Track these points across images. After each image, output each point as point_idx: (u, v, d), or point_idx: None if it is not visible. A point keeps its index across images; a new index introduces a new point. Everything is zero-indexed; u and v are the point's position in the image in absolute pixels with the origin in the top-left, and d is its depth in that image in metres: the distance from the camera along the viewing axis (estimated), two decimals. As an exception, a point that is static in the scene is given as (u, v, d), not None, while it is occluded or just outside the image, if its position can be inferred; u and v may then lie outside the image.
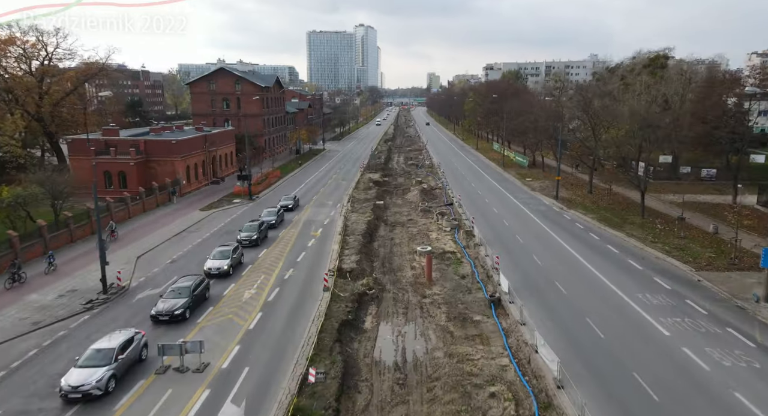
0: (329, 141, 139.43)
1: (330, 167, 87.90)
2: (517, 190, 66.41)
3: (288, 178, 75.59)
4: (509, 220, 49.34)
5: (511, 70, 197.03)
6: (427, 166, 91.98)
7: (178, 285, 28.26)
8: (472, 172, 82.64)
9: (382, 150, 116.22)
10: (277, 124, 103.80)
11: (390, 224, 50.78)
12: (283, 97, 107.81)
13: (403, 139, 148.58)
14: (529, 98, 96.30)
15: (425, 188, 67.42)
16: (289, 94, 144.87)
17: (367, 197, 60.42)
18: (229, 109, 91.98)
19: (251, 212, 52.08)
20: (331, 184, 70.74)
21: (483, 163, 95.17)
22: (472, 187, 68.60)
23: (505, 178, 76.34)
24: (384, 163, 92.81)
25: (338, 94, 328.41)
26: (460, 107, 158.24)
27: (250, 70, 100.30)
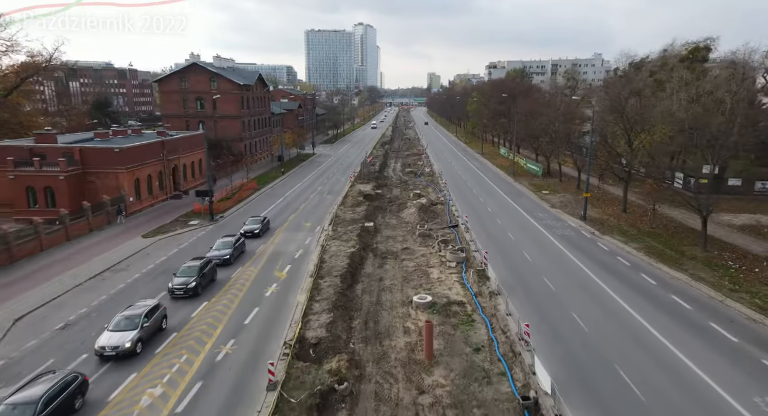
0: (321, 144, 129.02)
1: (316, 176, 77.37)
2: (533, 206, 55.87)
3: (266, 190, 65.05)
4: (531, 252, 38.79)
5: (516, 69, 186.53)
6: (427, 174, 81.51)
7: (13, 400, 17.48)
8: (479, 183, 72.11)
9: (377, 154, 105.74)
10: (260, 127, 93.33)
11: (380, 255, 40.28)
12: (267, 96, 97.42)
13: (401, 143, 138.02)
14: (541, 97, 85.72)
15: (424, 204, 56.90)
16: (278, 93, 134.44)
17: (355, 217, 49.90)
18: (204, 110, 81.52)
19: (209, 238, 41.63)
20: (314, 198, 60.22)
21: (490, 170, 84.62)
22: (480, 202, 58.07)
23: (517, 190, 65.76)
24: (378, 172, 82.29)
25: (336, 93, 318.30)
26: (463, 108, 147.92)
27: (229, 66, 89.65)
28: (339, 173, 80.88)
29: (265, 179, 72.01)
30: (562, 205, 55.26)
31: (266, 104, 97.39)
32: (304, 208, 54.72)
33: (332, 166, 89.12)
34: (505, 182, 72.29)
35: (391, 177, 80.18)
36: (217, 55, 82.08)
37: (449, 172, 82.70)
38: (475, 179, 75.28)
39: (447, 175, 78.86)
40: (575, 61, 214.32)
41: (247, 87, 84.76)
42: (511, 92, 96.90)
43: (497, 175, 78.94)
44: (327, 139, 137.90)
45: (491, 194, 63.19)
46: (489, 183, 71.70)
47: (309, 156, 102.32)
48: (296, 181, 72.80)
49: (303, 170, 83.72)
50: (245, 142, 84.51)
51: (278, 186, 68.28)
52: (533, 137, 77.29)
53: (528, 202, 58.14)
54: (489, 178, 76.52)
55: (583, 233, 44.11)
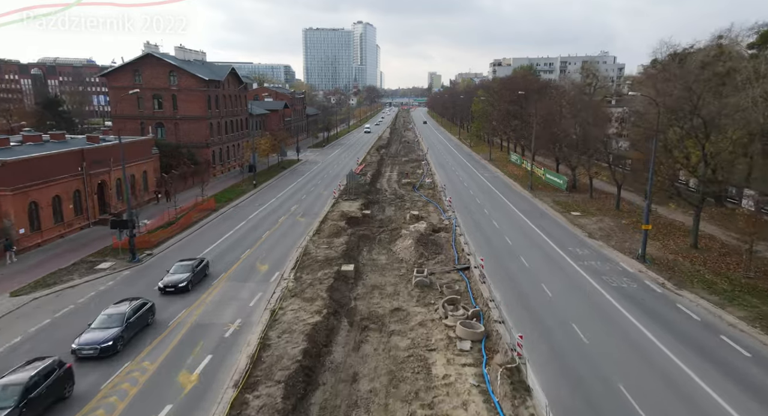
0: (310, 148, 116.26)
1: (294, 190, 64.43)
2: (565, 235, 42.93)
3: (226, 210, 52.15)
4: (583, 323, 25.77)
5: (523, 66, 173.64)
6: (428, 186, 68.65)
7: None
8: (491, 199, 59.18)
9: (371, 161, 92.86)
10: (233, 130, 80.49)
11: (358, 323, 27.46)
12: (243, 94, 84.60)
13: (399, 146, 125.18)
14: (560, 96, 72.79)
15: (424, 231, 44.03)
16: (263, 92, 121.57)
17: (330, 254, 37.01)
18: (163, 111, 68.66)
19: (119, 292, 28.83)
20: (284, 223, 47.28)
21: (502, 182, 71.68)
22: (495, 229, 45.17)
23: (539, 210, 52.79)
24: (370, 184, 69.41)
25: (334, 93, 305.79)
26: (467, 108, 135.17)
27: (197, 60, 76.80)
28: (323, 185, 68.00)
29: (230, 195, 59.04)
30: (602, 234, 42.31)
31: (242, 104, 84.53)
32: (267, 239, 41.78)
33: (317, 176, 76.23)
34: (522, 198, 59.32)
35: (384, 190, 67.27)
36: (180, 46, 69.28)
37: (453, 183, 69.82)
38: (485, 193, 62.33)
39: (451, 187, 65.96)
40: (585, 58, 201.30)
41: (215, 83, 71.92)
42: (527, 89, 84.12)
43: (511, 188, 65.97)
44: (317, 142, 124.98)
45: (508, 215, 50.27)
46: (502, 199, 58.74)
47: (293, 163, 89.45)
48: (268, 196, 59.85)
49: (281, 182, 70.79)
50: (213, 148, 71.66)
51: (243, 205, 55.31)
52: (555, 143, 64.41)
53: (557, 228, 45.19)
54: (502, 191, 63.56)
55: (648, 283, 31.17)
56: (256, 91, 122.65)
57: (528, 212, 51.20)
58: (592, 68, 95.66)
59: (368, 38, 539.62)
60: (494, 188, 66.09)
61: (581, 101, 64.50)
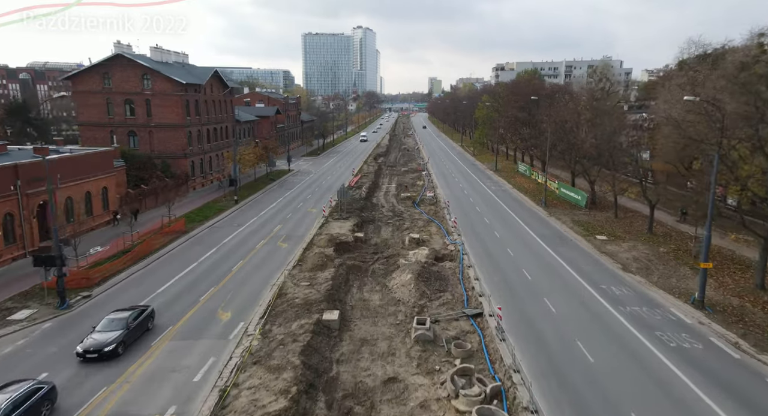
0: (304, 157, 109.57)
1: (280, 207, 57.52)
2: (594, 266, 35.91)
3: (197, 233, 45.14)
4: (647, 412, 18.87)
5: (527, 70, 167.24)
6: (429, 201, 61.81)
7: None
8: (501, 218, 52.24)
9: (368, 171, 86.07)
10: (217, 138, 73.75)
11: (339, 405, 20.49)
12: (228, 100, 77.87)
13: (398, 154, 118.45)
14: (578, 101, 65.96)
15: (425, 261, 37.18)
16: (254, 97, 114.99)
17: (310, 296, 30.05)
18: (136, 117, 61.90)
19: (18, 364, 21.95)
20: (261, 250, 40.27)
21: (511, 196, 64.76)
22: (511, 259, 38.17)
23: (559, 233, 45.77)
24: (366, 198, 62.54)
25: (333, 98, 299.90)
26: (470, 114, 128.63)
27: (177, 62, 70.06)
28: (313, 200, 61.11)
29: (206, 213, 52.10)
30: (640, 266, 35.34)
31: (227, 110, 77.81)
32: (238, 272, 34.81)
33: (307, 189, 69.35)
34: (535, 217, 52.38)
35: (381, 206, 60.39)
36: (156, 46, 62.52)
37: (458, 197, 62.94)
38: (493, 211, 55.41)
39: (455, 203, 59.10)
40: (591, 62, 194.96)
41: (195, 87, 65.23)
42: (535, 94, 77.48)
43: (523, 205, 59.02)
44: (311, 150, 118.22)
45: (522, 239, 43.31)
46: (514, 218, 51.79)
47: (283, 173, 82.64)
48: (249, 215, 52.94)
49: (266, 196, 63.88)
50: (192, 158, 64.85)
51: (219, 225, 48.36)
52: (571, 153, 57.55)
53: (582, 257, 38.18)
54: (512, 208, 56.62)
55: (716, 343, 24.17)
56: (246, 96, 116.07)
57: (546, 236, 44.17)
58: (605, 71, 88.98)
59: (368, 43, 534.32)
60: (503, 204, 59.15)
61: (599, 107, 57.74)
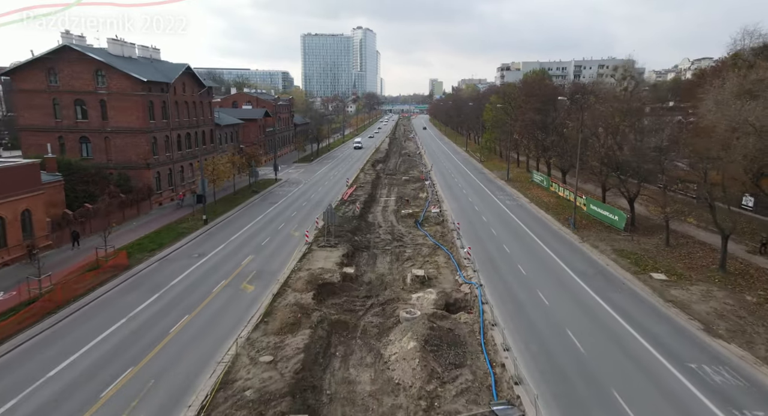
0: (296, 163, 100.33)
1: (256, 229, 48.02)
2: (671, 330, 26.19)
3: (139, 271, 35.54)
4: None
5: (535, 70, 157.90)
6: (435, 220, 52.51)
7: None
8: (525, 245, 42.72)
9: (364, 181, 76.76)
10: (192, 145, 64.41)
11: None
12: (207, 101, 68.54)
13: (398, 160, 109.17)
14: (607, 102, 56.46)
15: (434, 312, 27.77)
16: (242, 98, 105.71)
17: (269, 386, 20.48)
18: (88, 121, 52.57)
19: None
20: (217, 297, 30.65)
21: (530, 214, 55.27)
22: (547, 310, 28.69)
23: (602, 269, 36.18)
24: (360, 216, 53.21)
25: (332, 100, 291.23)
26: (476, 116, 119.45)
27: (144, 57, 60.62)
28: (298, 219, 51.72)
29: (162, 239, 42.56)
30: (729, 326, 25.76)
31: (204, 112, 68.48)
32: (172, 341, 25.19)
33: (293, 204, 59.98)
34: (567, 243, 42.89)
35: (377, 226, 51.05)
36: (115, 38, 53.11)
37: (468, 215, 53.55)
38: (513, 234, 45.95)
39: (466, 222, 49.69)
40: (602, 62, 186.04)
41: (161, 86, 55.94)
42: (553, 95, 68.21)
43: (547, 226, 49.53)
44: (303, 156, 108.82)
45: (558, 278, 33.82)
46: (540, 245, 42.29)
47: (268, 184, 73.30)
48: (217, 240, 43.47)
49: (244, 214, 54.48)
50: (157, 169, 55.49)
51: (173, 258, 38.78)
52: (605, 164, 48.17)
53: (645, 310, 28.56)
54: (535, 230, 47.13)
55: None
56: (233, 97, 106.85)
57: (587, 274, 34.64)
58: (629, 68, 79.62)
59: (368, 44, 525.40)
60: (523, 225, 49.67)
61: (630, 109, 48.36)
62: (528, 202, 60.88)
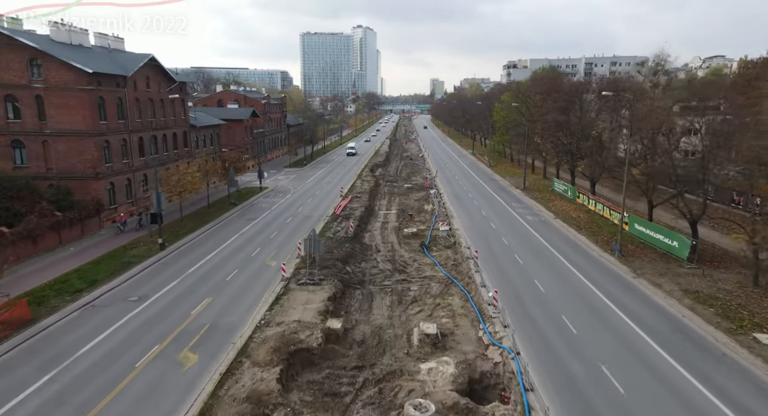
0: (288, 168, 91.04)
1: (221, 258, 38.45)
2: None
3: (44, 329, 26.16)
4: None
5: (545, 67, 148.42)
6: (444, 241, 43.18)
7: None
8: (560, 280, 33.23)
9: (361, 190, 67.44)
10: (159, 150, 55.07)
11: None
12: (179, 99, 59.24)
13: (400, 164, 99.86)
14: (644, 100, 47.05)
15: (456, 404, 18.42)
16: (227, 96, 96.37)
17: None
18: (22, 121, 43.19)
19: None
20: (135, 381, 21.16)
21: (562, 236, 45.58)
22: (615, 395, 19.30)
23: (676, 321, 26.65)
24: (354, 237, 43.81)
25: (332, 100, 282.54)
26: (484, 117, 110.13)
27: (103, 46, 51.27)
28: (278, 240, 42.32)
29: (95, 274, 33.04)
30: None
31: (176, 112, 59.14)
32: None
33: (276, 220, 50.63)
34: (616, 279, 33.37)
35: (375, 250, 41.66)
36: (61, 22, 43.78)
37: (485, 235, 44.09)
38: (545, 264, 36.45)
39: (485, 247, 40.21)
40: (614, 59, 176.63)
41: (116, 80, 46.63)
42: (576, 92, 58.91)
43: (585, 252, 39.97)
44: (296, 160, 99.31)
45: (621, 341, 24.30)
46: (584, 283, 32.81)
47: (252, 193, 63.97)
48: (168, 276, 33.98)
49: (213, 235, 45.03)
50: (111, 179, 46.17)
51: (102, 302, 29.28)
52: (655, 176, 38.79)
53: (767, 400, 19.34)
54: (572, 259, 37.60)
55: None
56: (218, 95, 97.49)
57: (662, 335, 25.03)
58: (661, 62, 70.15)
59: (368, 43, 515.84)
60: (554, 250, 40.18)
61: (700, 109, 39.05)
62: (553, 218, 51.44)
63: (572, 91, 57.75)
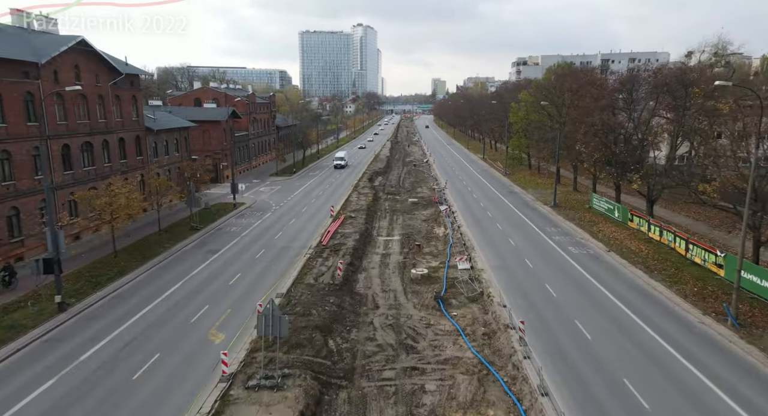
0: (273, 176, 79.10)
1: (144, 329, 26.12)
2: None
3: None
4: None
5: (560, 63, 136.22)
6: (467, 287, 31.07)
7: None
8: (654, 366, 21.04)
9: (357, 207, 55.37)
10: (95, 162, 42.94)
11: None
12: (129, 95, 47.07)
13: (402, 171, 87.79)
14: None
15: None
16: (205, 94, 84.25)
17: None
18: None
19: None
20: None
21: (627, 281, 33.09)
22: None
23: None
24: (342, 285, 31.60)
25: (331, 100, 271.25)
26: (497, 117, 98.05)
27: (20, 26, 38.92)
28: (239, 291, 30.12)
29: None
30: None
31: (124, 112, 47.01)
32: None
33: (244, 254, 38.46)
34: (750, 377, 21.26)
35: (370, 305, 29.40)
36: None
37: (520, 281, 31.78)
38: (621, 335, 24.17)
39: (523, 301, 27.84)
40: (632, 55, 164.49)
41: (22, 68, 34.53)
42: (623, 87, 46.84)
43: (672, 313, 27.45)
44: (284, 167, 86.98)
45: None
46: (697, 379, 20.69)
47: (223, 212, 51.93)
48: (58, 362, 21.92)
49: (153, 278, 32.86)
50: (13, 203, 34.03)
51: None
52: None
53: None
54: (657, 327, 25.23)
55: None
56: (195, 93, 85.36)
57: None
58: (721, 53, 57.83)
59: (369, 42, 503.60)
60: (629, 310, 27.94)
61: None
62: (605, 251, 39.20)
63: (621, 85, 45.48)
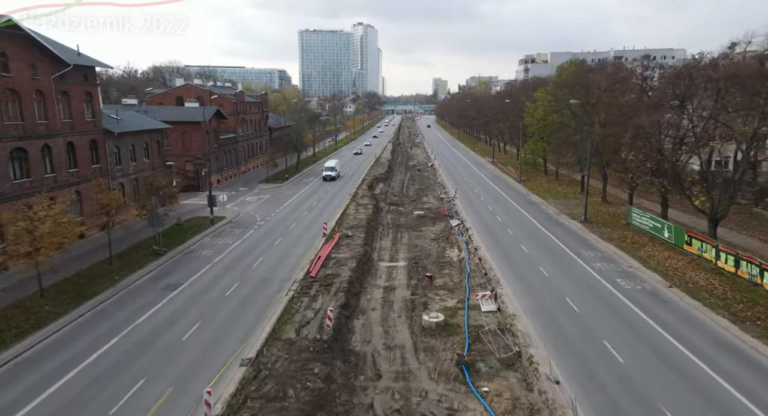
0: (263, 183, 71.22)
1: (73, 399, 18.48)
2: None
3: None
4: None
5: (572, 60, 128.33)
6: (498, 345, 23.02)
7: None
8: None
9: (355, 224, 47.47)
10: (38, 172, 34.98)
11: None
12: (82, 91, 39.17)
13: (405, 177, 79.81)
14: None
15: None
16: (188, 92, 76.22)
17: None
18: None
19: None
20: None
21: (705, 331, 24.85)
22: None
23: None
24: (333, 340, 23.62)
25: (330, 100, 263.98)
26: (508, 118, 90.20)
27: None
28: (199, 346, 22.12)
29: None
30: None
31: (74, 111, 39.07)
32: None
33: (211, 290, 30.51)
34: None
35: (368, 372, 21.30)
36: None
37: (565, 334, 23.71)
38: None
39: (580, 369, 19.80)
40: (647, 52, 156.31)
41: None
42: (675, 82, 38.84)
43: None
44: (276, 173, 78.91)
45: None
46: None
47: (198, 229, 44.07)
48: None
49: (75, 336, 24.97)
50: None
51: None
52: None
53: None
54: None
55: None
56: (177, 91, 77.37)
57: None
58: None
59: (369, 41, 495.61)
60: (730, 386, 20.04)
61: None
62: (665, 286, 31.13)
63: (676, 79, 37.46)
